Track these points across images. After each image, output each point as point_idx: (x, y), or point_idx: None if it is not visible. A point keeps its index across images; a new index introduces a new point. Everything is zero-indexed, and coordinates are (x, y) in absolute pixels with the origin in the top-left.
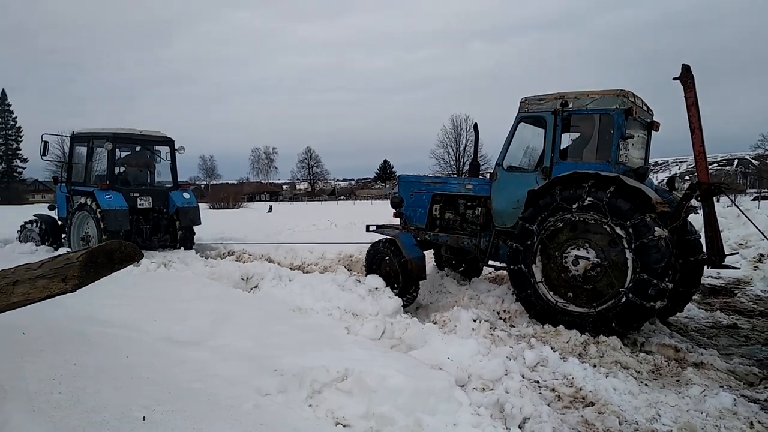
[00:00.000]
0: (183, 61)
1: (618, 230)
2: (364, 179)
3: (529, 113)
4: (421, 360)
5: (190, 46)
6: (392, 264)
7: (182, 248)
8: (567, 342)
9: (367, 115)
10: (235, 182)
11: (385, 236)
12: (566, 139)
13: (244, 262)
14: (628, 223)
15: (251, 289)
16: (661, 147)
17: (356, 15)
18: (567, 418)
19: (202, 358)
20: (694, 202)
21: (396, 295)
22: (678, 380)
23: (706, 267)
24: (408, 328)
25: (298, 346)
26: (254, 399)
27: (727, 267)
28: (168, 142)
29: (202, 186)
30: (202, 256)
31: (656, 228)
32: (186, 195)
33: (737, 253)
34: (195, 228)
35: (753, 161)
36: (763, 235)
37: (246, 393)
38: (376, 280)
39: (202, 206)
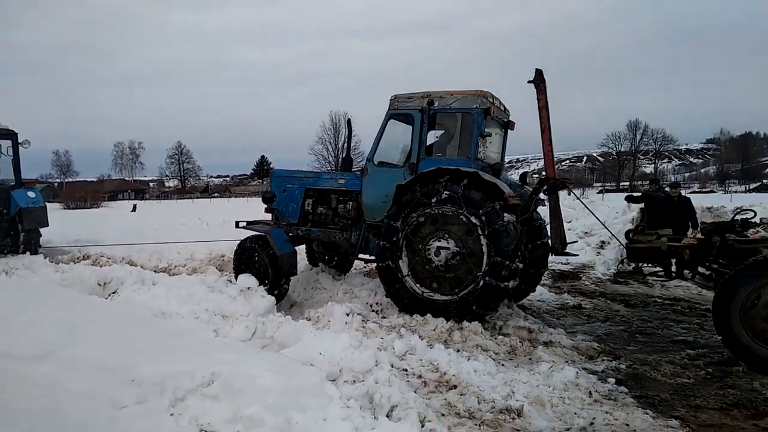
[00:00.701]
0: (39, 46)
1: (473, 219)
2: (240, 176)
3: (399, 110)
4: (294, 357)
5: (48, 30)
6: (261, 260)
7: (27, 253)
8: (434, 330)
9: (244, 110)
10: (95, 179)
11: (255, 232)
12: (432, 137)
13: (101, 266)
14: (480, 211)
15: (109, 295)
16: (521, 145)
17: (234, 7)
18: (432, 402)
19: (49, 372)
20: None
21: (267, 291)
22: (530, 359)
23: (551, 254)
24: (280, 327)
25: (160, 353)
26: (107, 413)
27: (567, 254)
28: (10, 135)
29: (55, 184)
30: (51, 261)
31: (505, 214)
32: (31, 194)
33: (576, 241)
34: (42, 230)
35: (599, 158)
36: (603, 224)
37: (98, 407)
38: (248, 280)
39: (55, 206)
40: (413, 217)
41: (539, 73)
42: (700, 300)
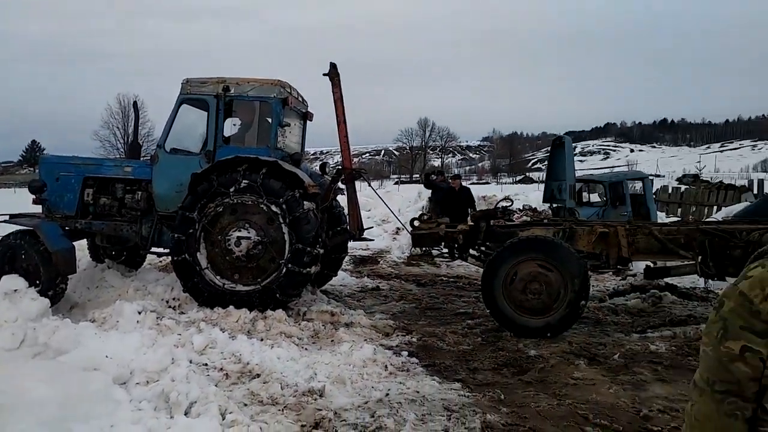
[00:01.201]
0: None
1: (273, 208)
2: (4, 163)
3: (192, 95)
4: (74, 364)
5: None
6: (30, 258)
7: None
8: (236, 321)
9: (13, 89)
10: None
11: (22, 227)
12: (230, 125)
13: None
14: (281, 200)
15: None
16: (325, 138)
17: None
18: (234, 393)
19: None
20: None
21: (38, 293)
22: (332, 340)
23: (351, 240)
24: (56, 331)
25: None
26: None
27: (365, 239)
28: None
29: None
30: None
31: (305, 202)
32: None
33: (373, 227)
34: None
35: (395, 152)
36: (393, 213)
37: None
38: (14, 281)
39: None
40: (210, 208)
41: (333, 66)
42: (477, 277)
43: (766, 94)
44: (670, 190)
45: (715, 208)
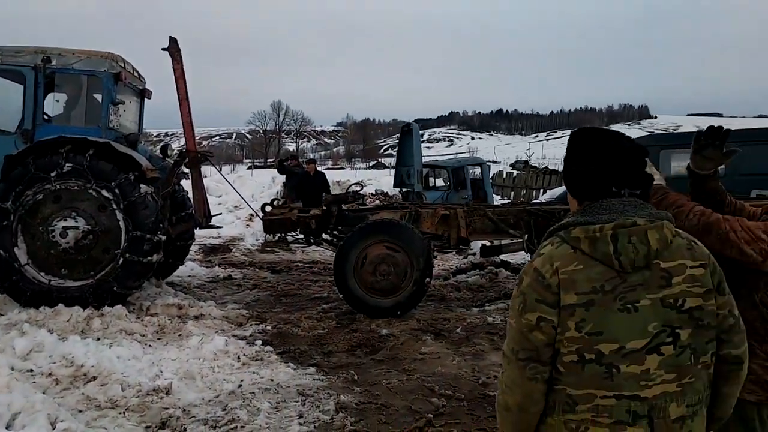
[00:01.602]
0: None
1: (105, 193)
2: None
3: (3, 66)
4: None
5: None
6: None
7: None
8: (68, 321)
9: None
10: None
11: None
12: (53, 101)
13: None
14: (113, 184)
15: None
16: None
17: None
18: (66, 400)
19: None
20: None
21: None
22: (180, 335)
23: (197, 228)
24: None
25: None
26: None
27: (212, 227)
28: None
29: None
30: None
31: (141, 185)
32: None
33: (221, 213)
34: None
35: (247, 135)
36: (243, 199)
37: None
38: None
39: None
40: (28, 196)
41: (173, 41)
42: (332, 261)
43: (583, 90)
44: (504, 175)
45: (541, 191)
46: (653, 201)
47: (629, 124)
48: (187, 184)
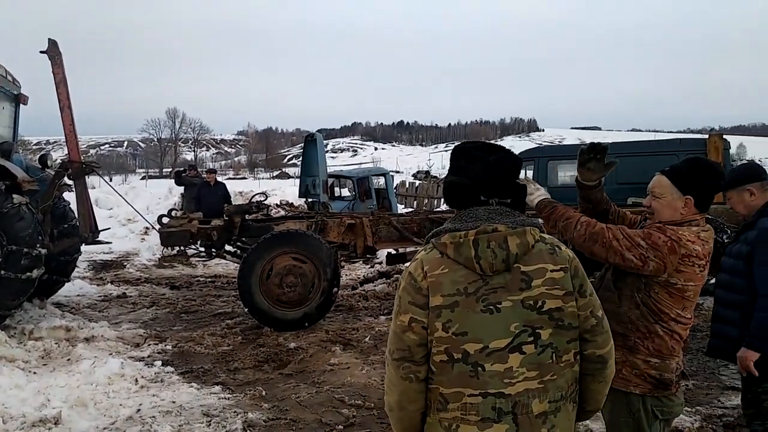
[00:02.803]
0: None
1: None
2: None
3: None
4: None
5: None
6: None
7: None
8: None
9: None
10: None
11: None
12: None
13: None
14: None
15: None
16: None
17: None
18: None
19: None
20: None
21: None
22: (69, 359)
23: (84, 244)
24: None
25: None
26: None
27: (100, 242)
28: None
29: None
30: None
31: (14, 195)
32: None
33: (109, 228)
34: None
35: (141, 144)
36: (137, 211)
37: None
38: None
39: None
40: None
41: (53, 43)
42: (236, 275)
43: (478, 104)
44: (407, 185)
45: (442, 200)
46: (543, 215)
47: (519, 136)
48: (71, 197)
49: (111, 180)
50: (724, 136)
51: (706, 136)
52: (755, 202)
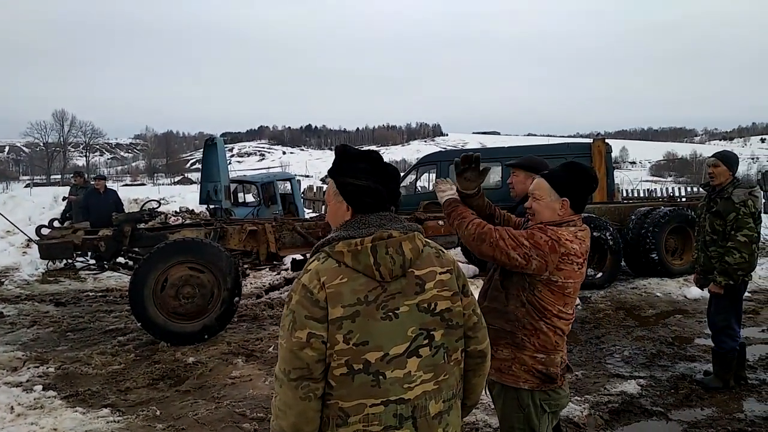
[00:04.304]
0: None
1: None
2: None
3: None
4: None
5: None
6: None
7: None
8: None
9: None
10: None
11: None
12: None
13: None
14: None
15: None
16: None
17: None
18: None
19: None
20: None
21: None
22: None
23: None
24: None
25: None
26: None
27: None
28: None
29: None
30: None
31: None
32: None
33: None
34: None
35: (24, 149)
36: (9, 221)
37: None
38: None
39: None
40: None
41: None
42: None
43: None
44: (315, 189)
45: None
46: (445, 212)
47: (425, 140)
48: None
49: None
50: (607, 140)
51: (591, 140)
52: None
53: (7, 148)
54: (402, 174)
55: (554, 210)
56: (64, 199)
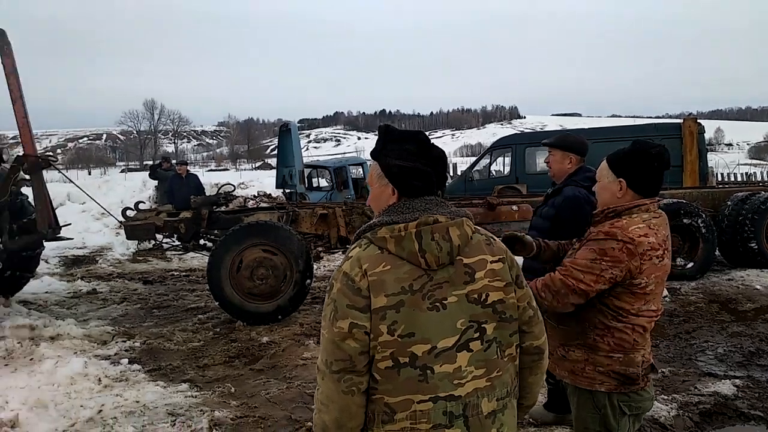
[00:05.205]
0: None
1: None
2: None
3: None
4: None
5: None
6: None
7: None
8: None
9: None
10: None
11: None
12: None
13: None
14: None
15: None
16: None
17: None
18: None
19: None
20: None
21: None
22: (32, 359)
23: (45, 241)
24: None
25: None
26: None
27: (60, 238)
28: None
29: None
30: None
31: None
32: None
33: (70, 224)
34: None
35: (120, 136)
36: (98, 204)
37: None
38: None
39: None
40: None
41: (1, 33)
42: None
43: (458, 94)
44: None
45: None
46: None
47: (501, 124)
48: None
49: (90, 173)
50: (699, 121)
51: (681, 121)
52: (570, 168)
53: (104, 136)
54: (475, 158)
55: (612, 192)
56: (156, 167)
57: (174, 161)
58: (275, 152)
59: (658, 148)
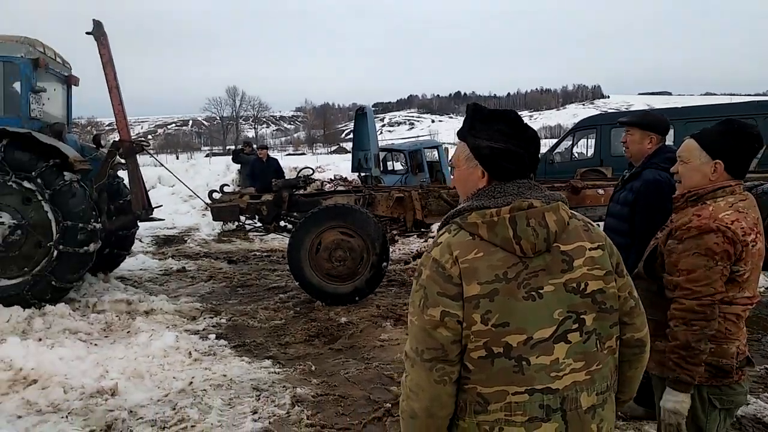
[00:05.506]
0: None
1: (27, 184)
2: None
3: None
4: None
5: None
6: None
7: None
8: (7, 321)
9: None
10: None
11: None
12: None
13: None
14: (33, 174)
15: None
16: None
17: None
18: (4, 406)
19: None
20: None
21: None
22: (128, 332)
23: (139, 222)
24: None
25: None
26: None
27: (153, 219)
28: None
29: None
30: None
31: (65, 173)
32: None
33: (161, 205)
34: None
35: (204, 122)
36: (186, 186)
37: None
38: None
39: None
40: None
41: (98, 24)
42: None
43: (536, 73)
44: None
45: None
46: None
47: (583, 104)
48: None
49: (178, 158)
50: None
51: None
52: (650, 149)
53: (190, 122)
54: (556, 140)
55: (705, 174)
56: (239, 152)
57: (255, 146)
58: (350, 136)
59: (755, 128)
